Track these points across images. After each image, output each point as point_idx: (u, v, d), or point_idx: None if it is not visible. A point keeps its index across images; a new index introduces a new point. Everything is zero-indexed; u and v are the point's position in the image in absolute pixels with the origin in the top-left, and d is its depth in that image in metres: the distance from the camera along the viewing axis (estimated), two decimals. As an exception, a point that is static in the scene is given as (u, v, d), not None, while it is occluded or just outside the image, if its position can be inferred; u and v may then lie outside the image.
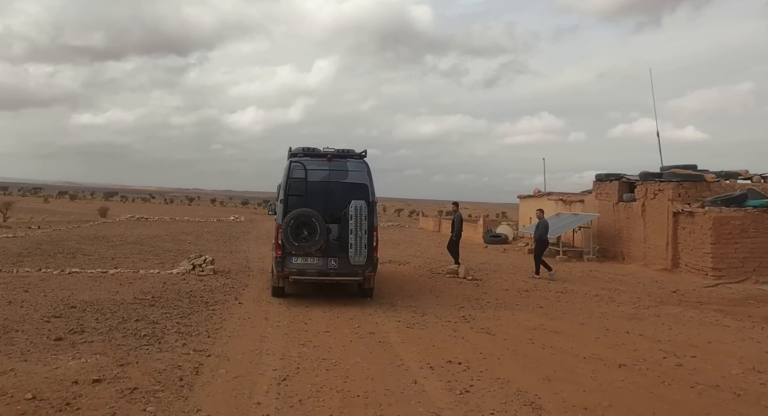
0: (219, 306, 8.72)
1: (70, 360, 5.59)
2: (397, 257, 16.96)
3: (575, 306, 9.58)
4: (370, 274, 9.33)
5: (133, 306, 8.37)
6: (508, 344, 6.88)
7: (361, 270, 9.08)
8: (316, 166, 9.38)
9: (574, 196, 20.27)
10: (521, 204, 25.30)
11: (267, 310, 8.59)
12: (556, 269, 13.24)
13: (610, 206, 17.09)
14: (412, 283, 11.90)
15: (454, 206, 15.52)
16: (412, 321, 8.10)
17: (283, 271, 9.17)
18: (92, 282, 10.38)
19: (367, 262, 8.99)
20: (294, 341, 6.80)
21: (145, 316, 7.69)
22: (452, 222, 14.83)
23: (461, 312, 8.84)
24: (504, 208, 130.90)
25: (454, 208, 15.39)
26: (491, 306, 9.42)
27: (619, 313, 8.98)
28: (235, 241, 20.52)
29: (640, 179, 15.60)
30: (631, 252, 15.83)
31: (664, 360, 6.21)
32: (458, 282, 12.22)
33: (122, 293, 9.40)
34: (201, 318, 7.74)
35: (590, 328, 7.83)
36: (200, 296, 9.40)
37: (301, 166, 9.28)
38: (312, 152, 9.56)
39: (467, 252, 19.76)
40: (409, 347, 6.66)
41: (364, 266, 9.02)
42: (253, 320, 7.86)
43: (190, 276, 11.58)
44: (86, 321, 7.25)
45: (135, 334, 6.70)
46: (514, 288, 11.54)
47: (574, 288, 11.51)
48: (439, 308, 9.11)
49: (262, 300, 9.40)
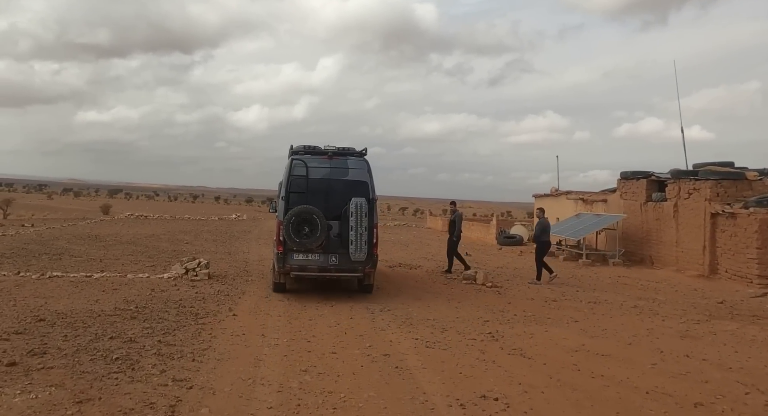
0: (210, 318, 7.64)
1: (16, 396, 4.52)
2: (408, 260, 15.86)
3: (614, 320, 8.44)
4: (370, 271, 9.42)
5: (111, 319, 7.30)
6: (549, 371, 5.76)
7: (361, 267, 9.20)
8: (317, 163, 9.47)
9: (595, 196, 19.06)
10: (536, 203, 24.03)
11: (264, 324, 7.51)
12: (579, 274, 12.17)
13: (636, 206, 15.89)
14: (426, 290, 10.80)
15: (451, 206, 14.32)
16: (431, 338, 6.99)
17: (284, 267, 9.19)
18: (72, 289, 9.33)
19: (367, 259, 9.13)
20: (294, 366, 5.71)
21: (123, 332, 6.62)
22: (452, 222, 13.64)
23: (486, 327, 7.73)
24: (509, 207, 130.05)
25: (452, 207, 14.22)
26: (519, 319, 8.30)
27: (668, 330, 7.83)
28: (235, 241, 19.47)
29: (672, 177, 14.40)
30: (661, 256, 14.64)
31: (747, 397, 5.07)
32: (477, 289, 11.10)
33: (102, 302, 8.35)
34: (187, 335, 6.66)
35: (641, 350, 6.69)
36: (190, 306, 8.33)
37: (302, 164, 9.36)
38: (313, 150, 9.65)
39: (480, 254, 18.64)
40: (431, 375, 5.56)
41: (364, 262, 9.14)
42: (248, 337, 6.78)
43: (182, 281, 10.52)
44: (52, 339, 6.19)
45: (105, 357, 5.63)
46: (540, 296, 10.42)
47: (607, 298, 10.36)
48: (460, 322, 8.00)
49: (260, 310, 8.33)
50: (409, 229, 33.27)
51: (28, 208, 49.81)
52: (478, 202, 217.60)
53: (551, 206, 22.04)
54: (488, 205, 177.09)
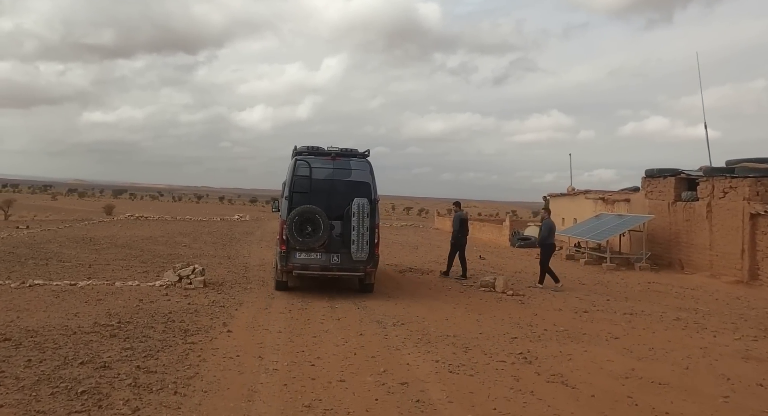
0: (201, 335, 6.72)
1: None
2: (418, 264, 14.90)
3: (658, 336, 7.46)
4: (371, 270, 9.51)
5: (87, 337, 6.38)
6: (600, 406, 4.80)
7: (363, 266, 9.30)
8: (320, 164, 9.57)
9: (616, 195, 18.00)
10: (552, 203, 23.01)
11: (262, 342, 6.58)
12: (605, 280, 11.17)
13: (664, 206, 14.85)
14: (441, 300, 9.85)
15: (455, 207, 13.39)
16: (454, 360, 6.04)
17: (287, 266, 9.29)
18: (52, 300, 8.43)
19: (368, 258, 9.23)
20: (296, 398, 4.78)
21: (97, 355, 5.70)
22: (462, 222, 12.63)
23: (516, 345, 6.77)
24: (514, 207, 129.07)
25: (456, 208, 13.28)
26: (551, 336, 7.33)
27: (724, 349, 6.84)
28: (235, 244, 18.55)
29: (704, 175, 13.36)
30: (693, 260, 13.61)
31: None
32: (497, 298, 10.13)
33: (82, 316, 7.43)
34: (172, 358, 5.73)
35: (703, 377, 5.71)
36: (180, 320, 7.41)
37: (305, 164, 9.46)
38: (316, 151, 9.75)
39: (494, 257, 17.66)
40: (460, 412, 4.61)
41: (365, 262, 9.25)
42: (242, 359, 5.85)
43: (175, 289, 9.61)
44: (12, 365, 5.28)
45: (70, 390, 4.70)
46: (568, 307, 9.44)
47: (643, 309, 9.36)
48: (484, 339, 7.04)
49: (258, 325, 7.39)
50: (417, 230, 32.27)
51: (30, 208, 49.21)
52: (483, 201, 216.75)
53: (568, 206, 21.04)
54: (493, 204, 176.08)
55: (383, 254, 16.68)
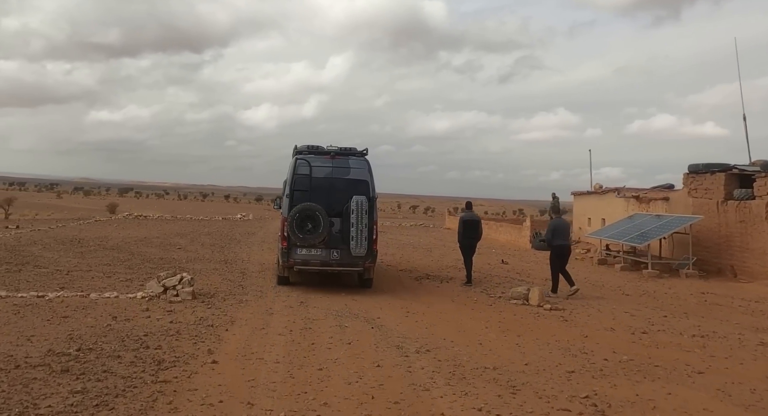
0: (179, 369, 5.33)
1: None
2: (435, 270, 13.46)
3: (749, 369, 5.98)
4: (370, 265, 9.75)
5: (31, 374, 5.00)
6: None
7: (362, 261, 9.55)
8: (320, 163, 9.83)
9: (653, 193, 16.43)
10: (576, 202, 21.47)
11: (255, 378, 5.18)
12: (650, 289, 9.66)
13: (711, 206, 13.29)
14: (468, 314, 8.43)
15: (466, 208, 12.27)
16: (502, 409, 4.60)
17: (288, 262, 9.58)
18: (9, 317, 7.07)
19: (367, 254, 9.50)
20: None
21: (33, 405, 4.31)
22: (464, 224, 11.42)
23: (575, 383, 5.32)
24: (520, 205, 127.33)
25: (464, 209, 12.25)
26: (615, 368, 5.87)
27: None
28: (235, 246, 17.17)
29: (762, 170, 11.81)
30: (748, 266, 12.07)
31: None
32: (534, 313, 8.67)
33: (36, 340, 6.07)
34: (133, 409, 4.33)
35: None
36: (155, 346, 6.02)
37: (305, 163, 9.73)
38: (316, 150, 9.99)
39: (517, 261, 16.18)
40: None
41: (364, 257, 9.51)
42: (226, 407, 4.45)
43: (158, 303, 8.24)
44: None
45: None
46: (621, 325, 7.96)
47: (713, 329, 7.85)
48: (533, 373, 5.60)
49: (251, 352, 5.99)
50: (427, 230, 30.80)
51: (33, 207, 48.27)
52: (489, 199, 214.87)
53: (596, 206, 19.52)
54: (499, 202, 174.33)
55: (395, 259, 15.28)
